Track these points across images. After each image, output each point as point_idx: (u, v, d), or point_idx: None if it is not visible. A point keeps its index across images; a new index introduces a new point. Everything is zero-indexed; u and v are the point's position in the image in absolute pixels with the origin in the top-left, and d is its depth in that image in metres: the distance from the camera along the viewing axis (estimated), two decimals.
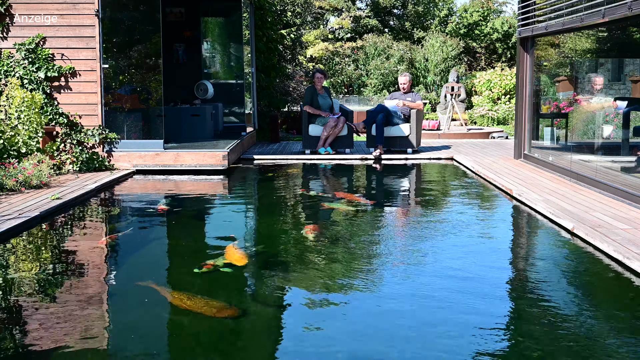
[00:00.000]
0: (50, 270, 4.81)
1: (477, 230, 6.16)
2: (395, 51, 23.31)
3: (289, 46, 16.33)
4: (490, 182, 8.25)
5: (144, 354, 3.37)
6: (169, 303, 4.11)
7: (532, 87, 9.85)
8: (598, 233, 5.32)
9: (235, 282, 4.57)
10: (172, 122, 10.66)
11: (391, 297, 4.19)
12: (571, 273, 4.93)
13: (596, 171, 7.61)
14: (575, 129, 9.01)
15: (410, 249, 5.47)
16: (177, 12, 12.59)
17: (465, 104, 17.50)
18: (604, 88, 8.39)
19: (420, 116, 11.04)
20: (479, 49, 25.72)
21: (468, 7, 26.40)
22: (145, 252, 5.55)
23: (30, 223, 5.93)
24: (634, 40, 7.98)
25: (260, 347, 3.57)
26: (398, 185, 9.18)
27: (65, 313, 3.90)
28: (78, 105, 9.11)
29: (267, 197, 8.14)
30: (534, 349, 3.45)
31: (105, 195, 7.80)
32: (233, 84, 13.19)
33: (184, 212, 7.13)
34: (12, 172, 7.36)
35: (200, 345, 3.55)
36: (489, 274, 4.78)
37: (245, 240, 5.90)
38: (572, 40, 9.08)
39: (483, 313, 3.90)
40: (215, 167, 9.23)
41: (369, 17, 27.91)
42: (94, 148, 9.16)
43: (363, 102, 22.09)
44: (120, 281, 4.65)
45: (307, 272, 4.72)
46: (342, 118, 10.80)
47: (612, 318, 3.91)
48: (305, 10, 19.02)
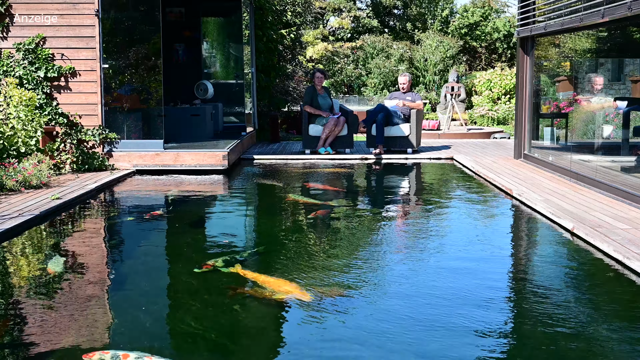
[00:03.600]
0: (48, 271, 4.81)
1: (476, 230, 6.16)
2: (395, 50, 23.32)
3: (289, 46, 16.32)
4: (490, 182, 8.25)
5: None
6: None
7: (532, 87, 9.85)
8: (598, 233, 5.32)
9: (235, 282, 4.57)
10: (172, 122, 10.66)
11: (391, 298, 4.19)
12: (571, 273, 4.93)
13: (596, 171, 7.60)
14: (575, 129, 9.01)
15: (410, 249, 5.47)
16: (177, 12, 12.59)
17: (465, 104, 17.50)
18: (604, 88, 8.39)
19: (420, 116, 11.04)
20: (480, 49, 25.72)
21: (469, 7, 26.41)
22: (145, 252, 5.54)
23: (30, 223, 5.92)
24: (634, 40, 7.98)
25: (260, 346, 3.57)
26: (398, 185, 9.18)
27: (67, 313, 3.90)
28: (78, 105, 9.11)
29: (266, 197, 8.14)
30: (533, 349, 3.45)
31: (105, 195, 7.80)
32: (233, 84, 13.18)
33: (184, 212, 7.12)
34: (12, 172, 7.36)
35: (199, 344, 3.55)
36: (489, 274, 4.78)
37: (246, 240, 5.90)
38: (572, 40, 9.08)
39: (482, 313, 3.89)
40: (215, 167, 9.23)
41: (370, 17, 27.92)
42: (93, 148, 9.16)
43: (363, 102, 22.10)
44: (120, 281, 4.65)
45: (307, 272, 4.72)
46: (342, 118, 10.80)
47: (612, 318, 3.91)
48: (305, 10, 19.01)
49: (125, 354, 3.13)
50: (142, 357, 3.13)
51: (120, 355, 3.12)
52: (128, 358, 3.09)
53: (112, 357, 3.09)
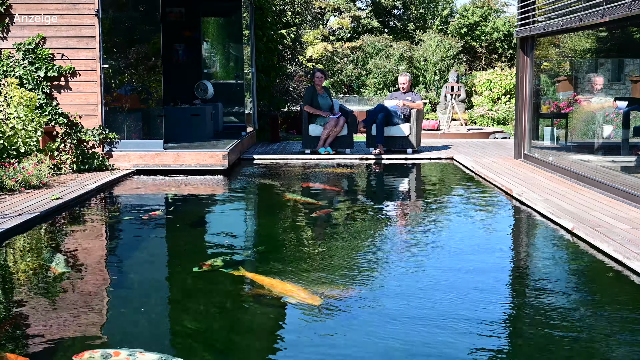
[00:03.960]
0: (49, 271, 4.81)
1: (476, 230, 6.16)
2: (395, 50, 23.32)
3: (289, 46, 16.33)
4: (490, 182, 8.25)
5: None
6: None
7: (532, 87, 9.85)
8: (598, 233, 5.32)
9: (235, 282, 4.57)
10: (172, 122, 10.66)
11: (391, 298, 4.19)
12: (571, 273, 4.93)
13: (596, 171, 7.60)
14: (575, 129, 9.01)
15: (409, 249, 5.47)
16: (177, 12, 12.59)
17: (465, 104, 17.50)
18: (604, 88, 8.39)
19: (420, 116, 11.04)
20: (480, 49, 25.73)
21: (469, 7, 26.42)
22: (145, 252, 5.54)
23: (30, 223, 5.92)
24: (634, 40, 7.98)
25: (260, 346, 3.57)
26: (398, 185, 9.18)
27: (66, 313, 3.91)
28: (78, 105, 9.10)
29: (266, 197, 8.13)
30: (533, 349, 3.45)
31: (105, 196, 7.80)
32: (233, 84, 13.18)
33: (184, 212, 7.12)
34: (12, 172, 7.36)
35: (197, 342, 3.55)
36: (489, 274, 4.78)
37: (246, 240, 5.90)
38: (572, 40, 9.08)
39: (482, 313, 3.89)
40: (215, 167, 9.23)
41: (370, 17, 27.92)
42: (93, 148, 9.16)
43: (363, 102, 22.10)
44: (120, 281, 4.65)
45: (307, 272, 4.72)
46: (342, 118, 10.80)
47: (612, 318, 3.91)
48: (305, 10, 19.01)
49: (116, 352, 3.10)
50: (134, 353, 3.11)
51: (112, 353, 3.09)
52: (119, 355, 3.06)
53: (102, 356, 3.06)
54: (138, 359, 3.07)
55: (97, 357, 3.06)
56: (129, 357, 3.06)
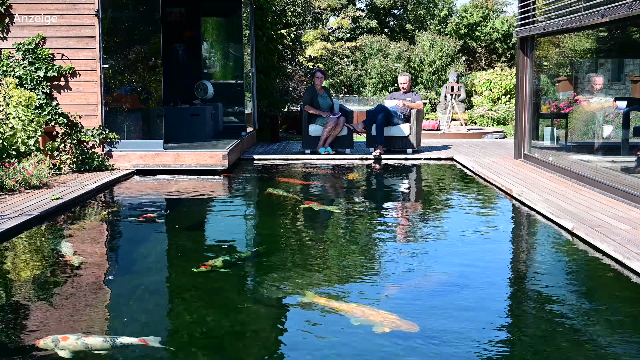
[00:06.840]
0: (48, 271, 4.81)
1: (476, 231, 6.16)
2: (393, 49, 23.33)
3: (289, 46, 16.33)
4: (490, 182, 8.25)
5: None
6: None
7: (532, 87, 9.85)
8: (598, 233, 5.32)
9: (235, 282, 4.57)
10: (172, 122, 10.66)
11: (392, 298, 4.19)
12: (571, 273, 4.93)
13: (596, 171, 7.60)
14: (575, 129, 9.00)
15: (409, 249, 5.47)
16: (177, 12, 12.59)
17: (465, 104, 17.50)
18: (604, 88, 8.39)
19: (420, 116, 11.04)
20: (479, 49, 25.74)
21: (468, 7, 26.42)
22: (145, 251, 5.54)
23: (30, 223, 5.92)
24: (634, 40, 7.98)
25: (260, 347, 3.57)
26: (398, 185, 9.18)
27: (66, 312, 3.90)
28: (78, 105, 9.10)
29: (266, 197, 8.13)
30: (533, 349, 3.45)
31: (105, 196, 7.79)
32: (233, 84, 13.18)
33: (184, 212, 7.12)
34: (12, 172, 7.36)
35: (195, 340, 3.55)
36: (489, 274, 4.78)
37: (246, 240, 5.90)
38: (572, 40, 9.08)
39: (482, 313, 3.89)
40: (215, 167, 9.23)
41: (369, 17, 27.93)
42: (93, 148, 9.15)
43: (363, 102, 22.11)
44: (120, 281, 4.65)
45: (307, 272, 4.72)
46: (342, 118, 10.80)
47: (612, 318, 3.91)
48: (305, 10, 19.01)
49: (64, 337, 3.40)
50: (80, 337, 3.42)
51: (60, 338, 3.39)
52: (67, 340, 3.37)
53: (52, 341, 3.37)
54: (84, 341, 3.37)
55: (49, 342, 3.37)
56: (77, 342, 3.37)
